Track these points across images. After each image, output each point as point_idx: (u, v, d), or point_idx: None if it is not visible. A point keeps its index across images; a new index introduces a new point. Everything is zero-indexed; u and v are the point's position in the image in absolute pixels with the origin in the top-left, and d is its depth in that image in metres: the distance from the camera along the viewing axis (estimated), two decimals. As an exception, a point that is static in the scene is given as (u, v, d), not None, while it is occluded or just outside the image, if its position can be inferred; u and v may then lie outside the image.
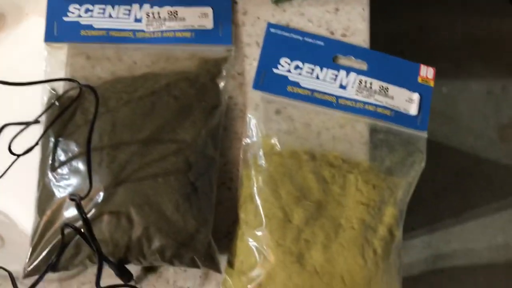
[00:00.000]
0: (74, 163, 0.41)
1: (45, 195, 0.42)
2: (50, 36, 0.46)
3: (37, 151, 0.43)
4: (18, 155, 0.41)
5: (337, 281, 0.40)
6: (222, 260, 0.43)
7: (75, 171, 0.41)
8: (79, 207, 0.36)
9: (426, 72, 0.49)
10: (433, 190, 1.41)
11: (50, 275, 0.43)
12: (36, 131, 0.50)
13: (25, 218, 0.51)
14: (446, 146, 1.45)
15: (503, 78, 1.49)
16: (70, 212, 0.40)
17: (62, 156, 0.42)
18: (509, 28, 1.51)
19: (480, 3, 1.53)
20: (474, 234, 1.40)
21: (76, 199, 0.37)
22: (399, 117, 0.47)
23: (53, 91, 0.45)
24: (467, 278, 1.37)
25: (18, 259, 0.50)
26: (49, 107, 0.43)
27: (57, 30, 0.47)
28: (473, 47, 1.51)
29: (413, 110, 0.48)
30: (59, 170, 0.41)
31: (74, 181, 0.41)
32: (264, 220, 0.41)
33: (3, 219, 0.52)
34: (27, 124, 0.44)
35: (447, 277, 1.37)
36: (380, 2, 1.52)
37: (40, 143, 0.43)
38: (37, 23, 0.57)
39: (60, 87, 0.46)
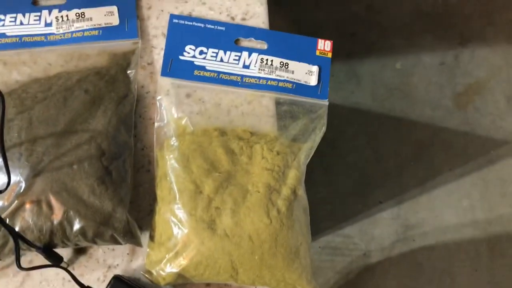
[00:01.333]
0: (-6, 160, 0.45)
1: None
2: (-33, 47, 0.50)
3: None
4: None
5: (246, 241, 0.44)
6: (146, 238, 0.47)
7: (-5, 167, 0.44)
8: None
9: (324, 45, 0.53)
10: (397, 163, 1.46)
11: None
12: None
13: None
14: (405, 119, 1.49)
15: (455, 49, 1.54)
16: (-5, 205, 0.44)
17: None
18: (454, 1, 1.56)
19: (423, -22, 1.57)
20: (441, 201, 1.45)
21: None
22: (301, 88, 0.51)
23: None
24: (437, 245, 1.42)
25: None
26: None
27: (-27, 41, 0.50)
28: (422, 21, 1.55)
29: (313, 81, 0.51)
30: (-19, 168, 0.45)
31: (-5, 176, 0.44)
32: (177, 194, 0.45)
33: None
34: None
35: (418, 245, 1.42)
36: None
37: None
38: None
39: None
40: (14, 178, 0.43)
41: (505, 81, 1.51)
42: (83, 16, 0.51)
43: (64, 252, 0.47)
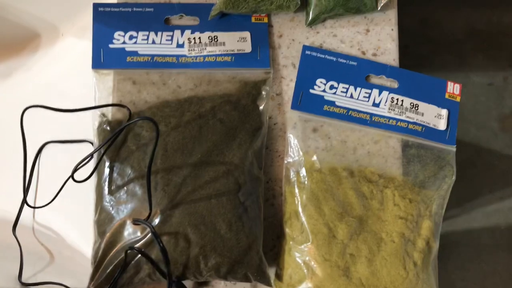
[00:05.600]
0: (131, 187, 0.44)
1: (104, 217, 0.44)
2: (97, 63, 0.48)
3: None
4: (79, 181, 0.43)
5: (381, 292, 0.43)
6: (269, 273, 0.46)
7: (132, 195, 0.44)
8: (154, 234, 0.39)
9: (453, 89, 0.52)
10: (438, 181, 1.45)
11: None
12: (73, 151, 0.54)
13: (72, 233, 0.54)
14: (449, 137, 1.48)
15: (505, 70, 1.53)
16: (130, 233, 0.43)
17: (118, 180, 0.44)
18: (509, 21, 1.54)
19: (481, -4, 1.55)
20: (478, 223, 1.45)
21: (148, 225, 0.39)
22: (429, 132, 0.50)
23: (103, 116, 0.47)
24: (472, 266, 1.42)
25: (69, 272, 0.53)
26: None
27: (104, 57, 0.49)
28: (475, 40, 1.53)
29: (442, 125, 0.50)
30: (116, 194, 0.44)
31: (132, 204, 0.43)
32: (310, 236, 0.44)
33: (51, 234, 0.55)
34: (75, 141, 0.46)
35: (453, 264, 1.42)
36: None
37: (94, 163, 0.45)
38: (72, 43, 0.60)
39: (109, 112, 0.48)
40: (152, 209, 0.43)
41: (555, 109, 1.50)
42: (216, 40, 0.49)
43: (186, 283, 0.46)
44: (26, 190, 0.53)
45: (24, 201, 0.52)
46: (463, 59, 1.52)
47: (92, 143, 0.51)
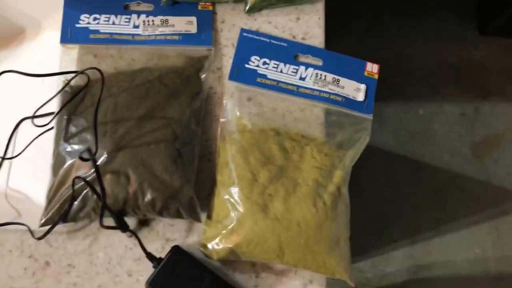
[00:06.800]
0: (83, 134, 0.52)
1: (59, 160, 0.52)
2: (65, 39, 0.57)
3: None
4: (40, 126, 0.51)
5: (294, 225, 0.49)
6: (203, 217, 0.53)
7: (84, 140, 0.51)
8: (92, 156, 0.46)
9: (372, 68, 0.60)
10: (413, 204, 1.50)
11: (59, 228, 0.52)
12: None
13: (38, 194, 0.61)
14: (424, 163, 1.55)
15: (475, 101, 1.61)
16: (79, 172, 0.50)
17: (73, 129, 0.52)
18: (479, 55, 1.64)
19: (452, 32, 1.66)
20: (453, 246, 1.48)
21: (88, 157, 0.47)
22: (349, 102, 0.58)
23: (66, 82, 0.56)
24: (447, 288, 1.44)
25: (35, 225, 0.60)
26: (61, 90, 0.53)
27: (71, 34, 0.58)
28: (447, 72, 1.63)
29: (360, 97, 0.58)
30: (70, 140, 0.52)
31: (82, 147, 0.51)
32: (236, 179, 0.51)
33: (18, 196, 0.62)
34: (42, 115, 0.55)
35: (428, 287, 1.44)
36: (357, 32, 1.66)
37: (55, 120, 0.53)
38: (53, 35, 0.69)
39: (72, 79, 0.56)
40: (98, 150, 0.50)
41: (523, 136, 1.57)
42: (166, 22, 0.58)
43: (130, 222, 0.53)
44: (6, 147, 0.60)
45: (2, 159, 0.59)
46: (436, 89, 1.61)
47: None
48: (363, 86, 0.59)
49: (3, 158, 0.59)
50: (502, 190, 1.54)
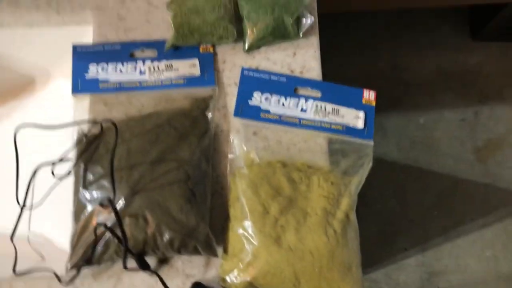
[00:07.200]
0: (101, 181, 0.54)
1: (79, 207, 0.54)
2: (76, 89, 0.61)
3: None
4: (60, 178, 0.54)
5: (307, 255, 0.52)
6: (219, 251, 0.55)
7: (101, 187, 0.54)
8: (114, 210, 0.49)
9: (369, 95, 0.63)
10: (421, 212, 1.52)
11: (85, 272, 0.55)
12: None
13: (60, 238, 0.64)
14: (428, 171, 1.57)
15: (474, 106, 1.64)
16: (99, 217, 0.53)
17: (91, 177, 0.55)
18: (474, 61, 1.67)
19: (446, 40, 1.69)
20: (463, 250, 1.50)
21: (108, 203, 0.49)
22: (350, 130, 0.61)
23: (81, 131, 0.59)
24: (461, 293, 1.46)
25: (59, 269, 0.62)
26: (78, 142, 0.56)
27: (81, 85, 0.61)
28: (444, 79, 1.66)
29: (360, 124, 0.61)
30: (89, 188, 0.54)
31: (101, 195, 0.54)
32: (248, 213, 0.54)
33: (41, 241, 0.65)
34: (58, 161, 0.58)
35: (442, 291, 1.46)
36: (353, 47, 1.69)
37: (73, 170, 0.56)
38: (62, 83, 0.72)
39: (86, 128, 0.59)
40: (117, 196, 0.53)
41: (524, 137, 1.59)
42: (171, 67, 0.62)
43: (149, 260, 0.55)
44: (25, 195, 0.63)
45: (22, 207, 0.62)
46: (435, 97, 1.64)
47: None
48: (362, 114, 0.61)
49: (23, 207, 0.62)
50: (508, 192, 1.56)
